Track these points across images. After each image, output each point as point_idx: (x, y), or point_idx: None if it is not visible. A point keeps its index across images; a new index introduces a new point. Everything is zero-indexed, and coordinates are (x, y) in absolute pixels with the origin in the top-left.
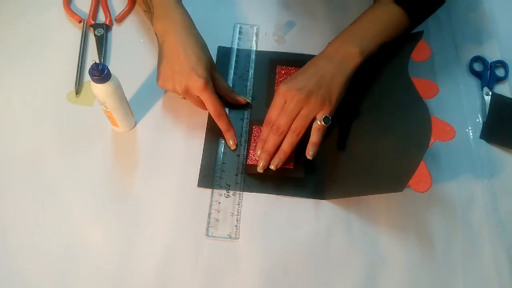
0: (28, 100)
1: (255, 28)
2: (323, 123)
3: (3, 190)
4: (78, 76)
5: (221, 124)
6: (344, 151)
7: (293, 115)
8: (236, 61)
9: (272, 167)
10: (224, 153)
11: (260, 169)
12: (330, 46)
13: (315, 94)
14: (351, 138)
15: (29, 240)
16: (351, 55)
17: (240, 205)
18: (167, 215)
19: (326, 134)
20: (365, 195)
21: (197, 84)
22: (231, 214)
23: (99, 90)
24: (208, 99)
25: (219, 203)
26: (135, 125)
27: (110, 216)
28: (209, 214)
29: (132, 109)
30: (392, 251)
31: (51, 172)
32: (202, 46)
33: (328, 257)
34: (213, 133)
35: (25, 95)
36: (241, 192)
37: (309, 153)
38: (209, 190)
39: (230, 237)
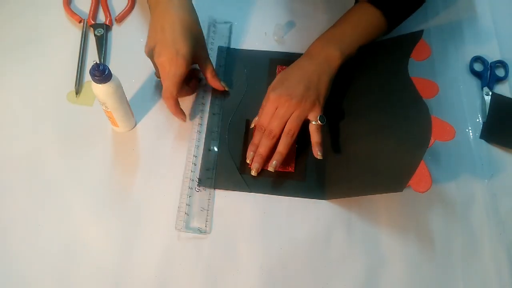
0: (28, 100)
1: (229, 25)
2: (319, 122)
3: (3, 190)
4: (78, 76)
5: (169, 106)
6: (345, 151)
7: (284, 119)
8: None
9: (270, 169)
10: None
11: (254, 173)
12: (312, 48)
13: (305, 98)
14: (352, 138)
15: (29, 240)
16: (332, 57)
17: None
18: (167, 215)
19: (326, 134)
20: (365, 195)
21: (170, 56)
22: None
23: (100, 90)
24: (173, 77)
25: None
26: (135, 125)
27: (110, 216)
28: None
29: (132, 109)
30: (392, 251)
31: (51, 172)
32: (192, 21)
33: (328, 257)
34: (212, 133)
35: (25, 95)
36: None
37: (318, 153)
38: (208, 189)
39: (200, 232)
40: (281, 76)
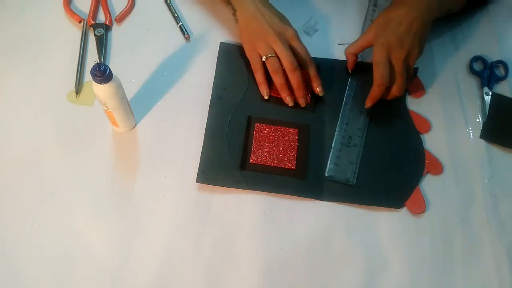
0: (28, 100)
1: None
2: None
3: (3, 190)
4: (78, 76)
5: (294, 79)
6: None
7: (401, 67)
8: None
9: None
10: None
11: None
12: None
13: (413, 47)
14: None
15: (29, 240)
16: (433, 9)
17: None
18: (167, 215)
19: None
20: (364, 205)
21: (289, 31)
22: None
23: (101, 90)
24: (299, 47)
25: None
26: (135, 125)
27: (110, 216)
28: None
29: (132, 109)
30: (392, 251)
31: (51, 172)
32: (282, 15)
33: (328, 257)
34: (213, 129)
35: (25, 95)
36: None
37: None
38: (209, 189)
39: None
40: (383, 21)
